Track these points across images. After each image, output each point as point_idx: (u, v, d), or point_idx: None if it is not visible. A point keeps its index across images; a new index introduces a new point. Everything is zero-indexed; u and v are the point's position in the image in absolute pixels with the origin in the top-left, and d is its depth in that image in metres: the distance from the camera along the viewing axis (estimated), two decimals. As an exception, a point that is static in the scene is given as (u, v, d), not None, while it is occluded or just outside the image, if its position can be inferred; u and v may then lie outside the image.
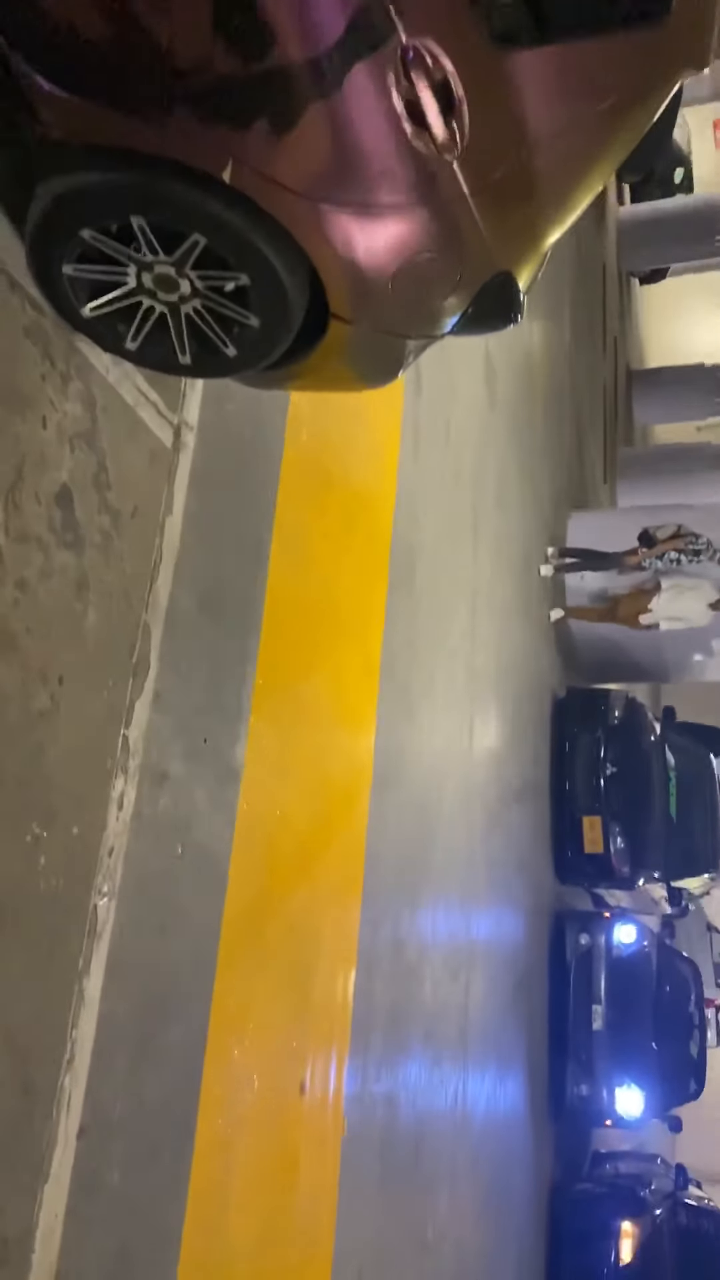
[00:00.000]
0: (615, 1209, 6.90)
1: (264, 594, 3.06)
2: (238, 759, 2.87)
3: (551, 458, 9.09)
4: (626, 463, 14.22)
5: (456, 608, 5.48)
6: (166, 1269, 2.39)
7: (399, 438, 4.51)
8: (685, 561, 7.56)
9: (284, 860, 3.17)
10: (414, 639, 4.61)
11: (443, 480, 5.29)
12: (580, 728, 8.31)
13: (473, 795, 5.74)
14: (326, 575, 3.60)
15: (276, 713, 3.15)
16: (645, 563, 7.68)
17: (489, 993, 5.75)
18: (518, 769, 6.96)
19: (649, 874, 8.54)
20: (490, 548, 6.41)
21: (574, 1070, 7.03)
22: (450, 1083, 4.86)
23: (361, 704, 3.93)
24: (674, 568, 7.61)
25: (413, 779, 4.58)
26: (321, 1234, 3.31)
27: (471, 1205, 5.07)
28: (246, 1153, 2.80)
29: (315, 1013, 3.35)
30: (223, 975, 2.71)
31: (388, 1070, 4.04)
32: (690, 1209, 7.75)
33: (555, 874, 8.06)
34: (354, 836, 3.84)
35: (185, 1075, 2.52)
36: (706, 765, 9.69)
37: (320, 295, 2.05)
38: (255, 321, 2.08)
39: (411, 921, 4.47)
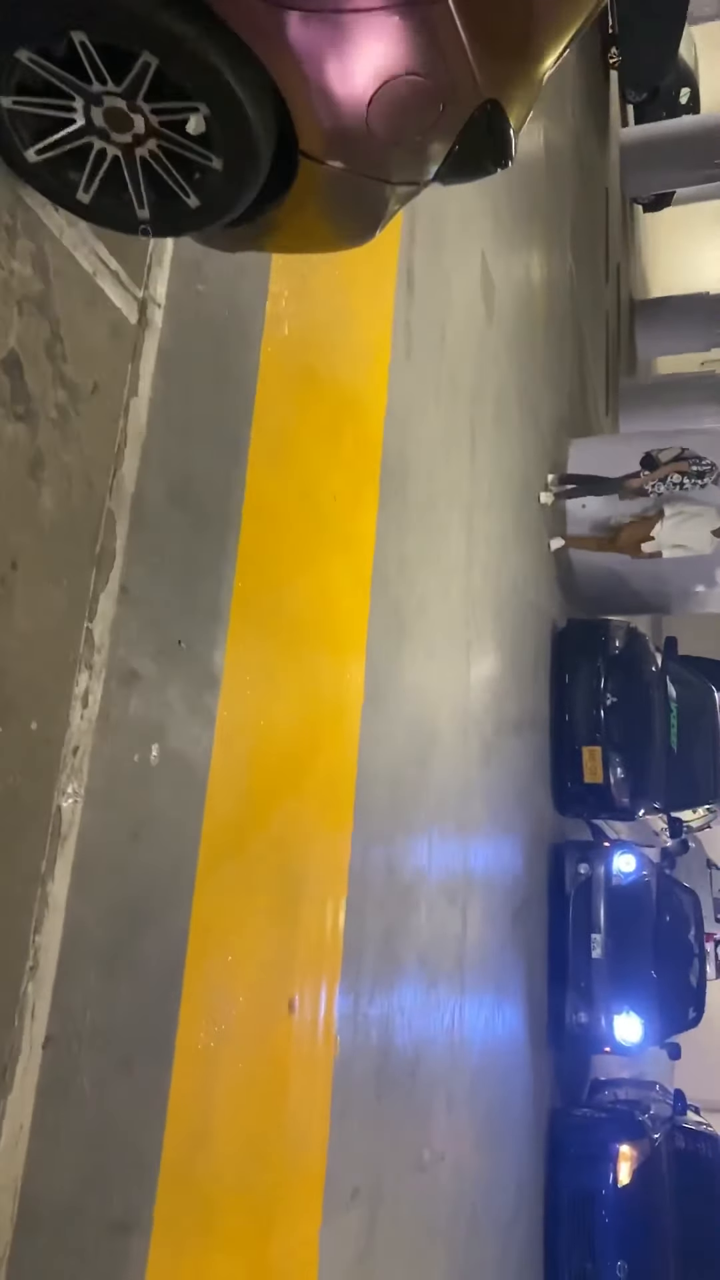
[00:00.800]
0: (614, 1133, 6.94)
1: (243, 492, 2.89)
2: (216, 664, 2.72)
3: (552, 383, 8.83)
4: (629, 394, 13.90)
5: (452, 527, 5.30)
6: (145, 1182, 2.31)
7: (389, 341, 4.30)
8: (689, 485, 7.35)
9: (269, 773, 3.04)
10: (406, 555, 4.44)
11: (438, 392, 5.08)
12: (580, 658, 8.17)
13: (469, 723, 5.62)
14: (312, 479, 3.42)
15: (259, 619, 2.99)
16: (648, 486, 7.47)
17: (487, 920, 5.69)
18: (516, 699, 6.83)
19: (649, 804, 8.47)
20: (488, 469, 6.20)
21: (573, 998, 7.02)
22: (447, 1007, 4.80)
23: (351, 618, 3.78)
24: (677, 493, 7.40)
25: (406, 702, 4.45)
26: (313, 1152, 3.24)
27: (469, 1128, 5.05)
28: (231, 1068, 2.71)
29: (304, 931, 3.24)
30: (203, 886, 2.59)
31: (382, 992, 3.96)
32: (688, 1133, 7.81)
33: (554, 805, 7.99)
34: (344, 755, 3.71)
35: (163, 986, 2.42)
36: (708, 697, 9.57)
37: (289, 135, 1.85)
38: (218, 163, 1.88)
39: (405, 845, 4.37)
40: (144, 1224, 2.30)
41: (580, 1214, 6.52)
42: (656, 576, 9.01)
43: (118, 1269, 2.20)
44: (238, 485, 2.87)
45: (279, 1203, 3.00)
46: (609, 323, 14.24)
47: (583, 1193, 6.55)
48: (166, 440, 2.50)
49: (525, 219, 7.90)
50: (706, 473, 7.32)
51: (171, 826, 2.48)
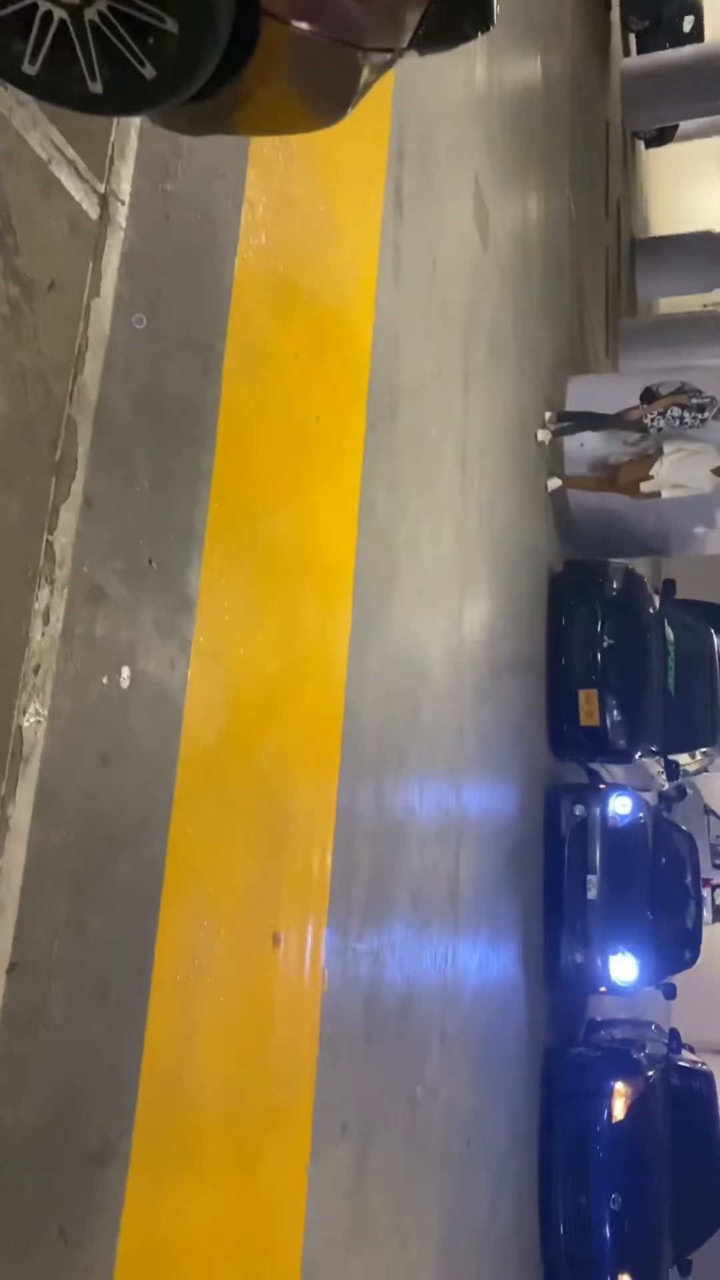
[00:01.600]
0: (608, 1071, 6.98)
1: (217, 407, 2.76)
2: (191, 588, 2.61)
3: (550, 319, 8.61)
4: (629, 334, 13.61)
5: (445, 461, 5.15)
6: (122, 1114, 2.25)
7: (377, 262, 4.12)
8: (688, 419, 7.17)
9: (250, 704, 2.95)
10: (397, 485, 4.31)
11: (428, 319, 4.91)
12: (577, 600, 8.07)
13: (463, 663, 5.52)
14: (294, 399, 3.28)
15: (237, 543, 2.88)
16: (646, 420, 7.29)
17: (480, 861, 5.64)
18: (511, 640, 6.73)
19: (645, 748, 8.42)
20: (483, 404, 6.04)
21: (568, 939, 7.02)
22: (440, 945, 4.76)
23: (337, 548, 3.66)
24: (676, 428, 7.23)
25: (396, 639, 4.34)
26: (300, 1087, 3.20)
27: (463, 1065, 5.04)
28: (212, 1000, 2.65)
29: (290, 865, 3.17)
30: (180, 815, 2.51)
31: (372, 929, 3.91)
32: (682, 1070, 7.87)
33: (550, 749, 7.93)
34: (331, 690, 3.62)
35: (137, 916, 2.34)
36: (707, 640, 9.48)
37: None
38: (173, 25, 1.72)
39: (396, 784, 4.29)
40: (121, 1156, 2.25)
41: (574, 1149, 6.58)
42: (655, 518, 8.87)
43: (94, 1200, 2.15)
44: (212, 400, 2.74)
45: (266, 1137, 2.96)
46: (609, 261, 13.90)
47: (577, 1129, 6.61)
48: (133, 347, 2.36)
49: (521, 148, 7.63)
50: (706, 406, 7.15)
51: (145, 752, 2.38)
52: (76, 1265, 2.09)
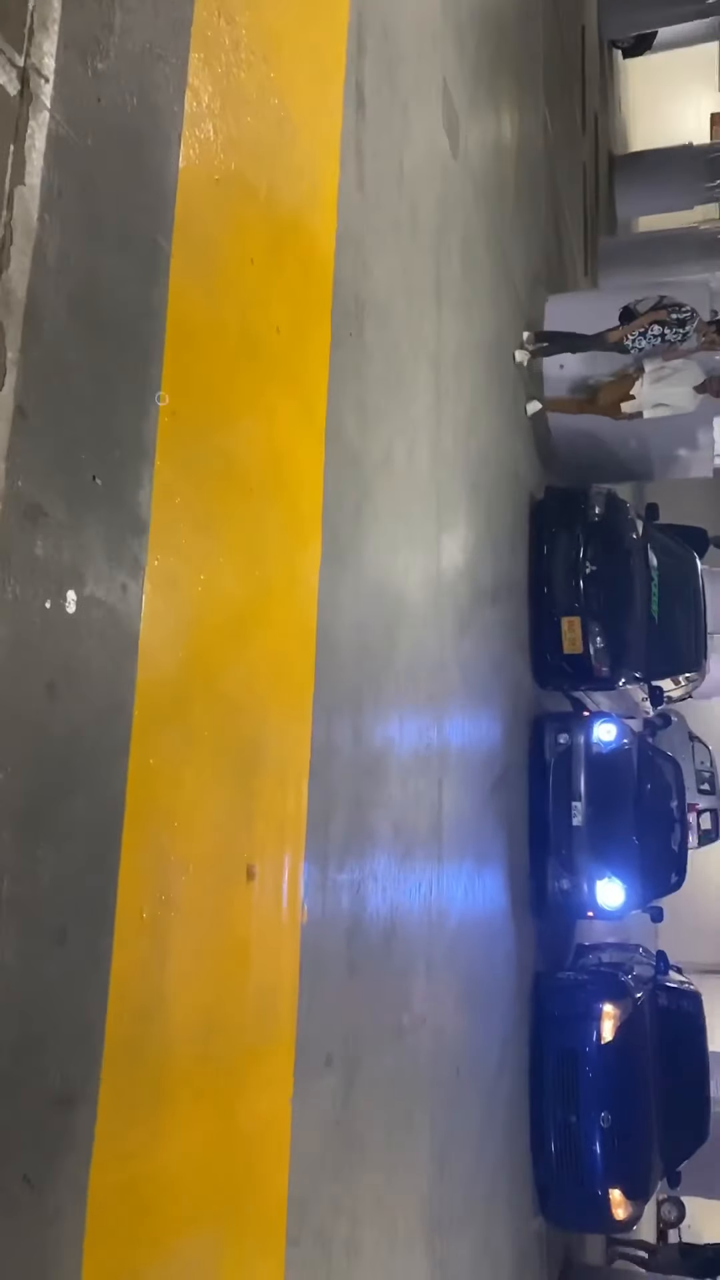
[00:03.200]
0: (597, 993, 7.04)
1: (165, 313, 2.57)
2: (142, 507, 2.45)
3: (525, 235, 8.31)
4: (609, 253, 13.25)
5: (418, 381, 4.95)
6: (88, 1055, 2.17)
7: (337, 162, 3.88)
8: (669, 335, 6.95)
9: (213, 632, 2.81)
10: (366, 402, 4.12)
11: (396, 227, 4.67)
12: (559, 526, 7.91)
13: (442, 591, 5.39)
14: (251, 308, 3.08)
15: (192, 461, 2.71)
16: (627, 340, 7.06)
17: (464, 791, 5.58)
18: (491, 568, 6.59)
19: (629, 674, 8.34)
20: (457, 321, 5.81)
21: (554, 865, 7.01)
22: (424, 875, 4.71)
23: (304, 468, 3.49)
24: (658, 345, 7.01)
25: (370, 566, 4.19)
26: (281, 1021, 3.14)
27: (450, 992, 5.03)
28: (183, 937, 2.56)
29: (263, 797, 3.07)
30: (140, 747, 2.39)
31: (353, 860, 3.83)
32: (670, 991, 7.96)
33: (534, 677, 7.84)
34: (301, 618, 3.48)
35: (97, 853, 2.23)
36: (690, 565, 9.36)
37: None
38: None
39: (374, 715, 4.18)
40: (89, 1097, 2.17)
41: (564, 1071, 6.65)
42: (638, 440, 8.68)
43: (60, 1144, 2.08)
44: (159, 304, 2.54)
45: (245, 1072, 2.90)
46: (586, 177, 13.45)
47: (566, 1051, 6.67)
48: (65, 242, 2.17)
49: (492, 49, 7.26)
50: (687, 320, 6.92)
51: (97, 681, 2.25)
52: (44, 1210, 2.01)
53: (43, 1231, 2.01)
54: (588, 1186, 6.65)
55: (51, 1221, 2.04)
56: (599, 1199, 6.71)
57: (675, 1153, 7.64)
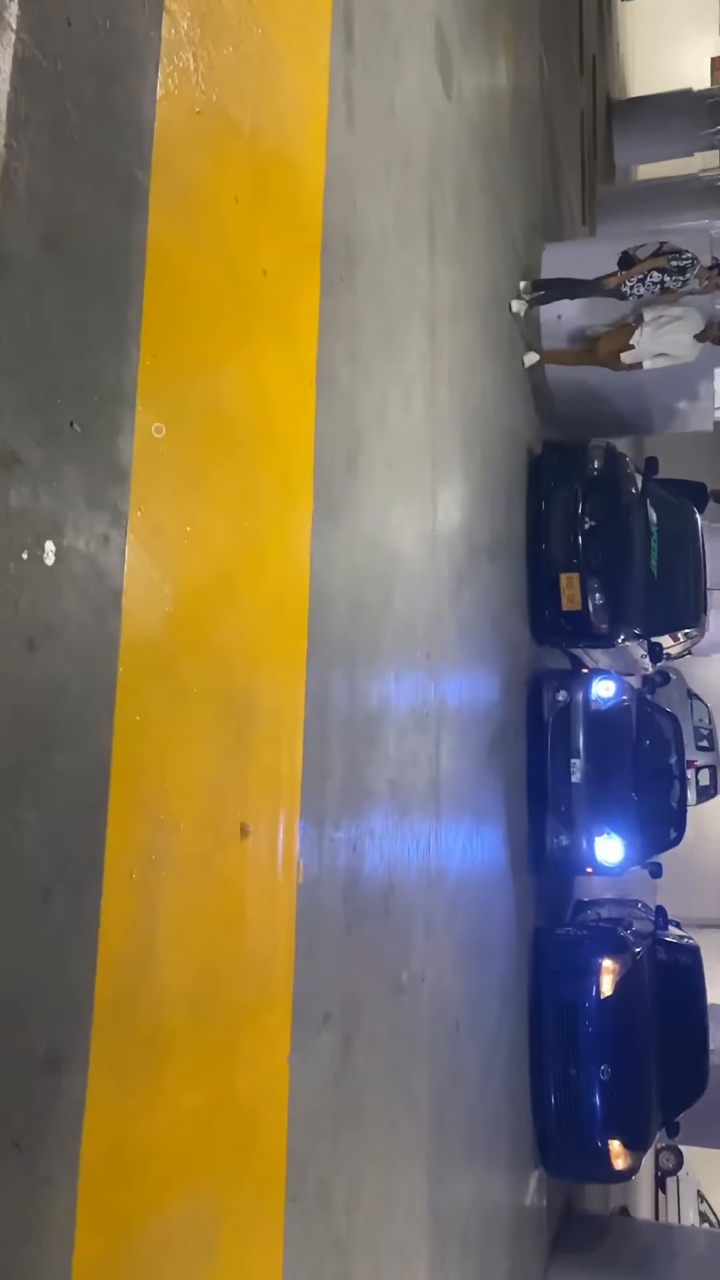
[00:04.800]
0: (596, 948, 7.05)
1: (144, 251, 2.45)
2: (123, 455, 2.36)
3: (522, 180, 8.10)
4: (607, 201, 12.99)
5: (412, 328, 4.82)
6: (77, 1017, 2.12)
7: (325, 97, 3.73)
8: (669, 282, 6.79)
9: (201, 585, 2.72)
10: (358, 351, 4.00)
11: (388, 169, 4.51)
12: (557, 481, 7.79)
13: (438, 547, 5.29)
14: (236, 249, 2.96)
15: (176, 408, 2.61)
16: (625, 287, 6.90)
17: (461, 749, 5.53)
18: (489, 523, 6.49)
19: (628, 630, 8.27)
20: (451, 268, 5.66)
21: (553, 822, 6.99)
22: (422, 833, 4.67)
23: (294, 417, 3.38)
24: (657, 293, 6.84)
25: (364, 520, 4.10)
26: (277, 979, 3.11)
27: (449, 950, 5.01)
28: (174, 896, 2.51)
29: (257, 755, 3.00)
30: (127, 704, 2.31)
31: (349, 818, 3.78)
32: (669, 945, 7.99)
33: (532, 635, 7.77)
34: (294, 573, 3.39)
35: (83, 812, 2.17)
36: (690, 520, 9.25)
37: None
38: None
39: (370, 671, 4.11)
40: (79, 1060, 2.13)
41: (563, 1025, 6.68)
42: (637, 392, 8.53)
43: (49, 1108, 2.03)
44: (137, 241, 2.43)
45: (241, 1032, 2.86)
46: (584, 123, 13.12)
47: (566, 1005, 6.69)
48: (35, 171, 2.06)
49: (487, -14, 7.02)
50: (688, 267, 6.75)
51: (80, 635, 2.17)
52: (34, 1175, 1.98)
53: (34, 1197, 1.98)
54: (587, 1138, 6.71)
55: (42, 1186, 2.00)
56: (598, 1150, 6.77)
57: (675, 1104, 7.71)
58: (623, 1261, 7.60)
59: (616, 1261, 7.56)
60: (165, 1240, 2.44)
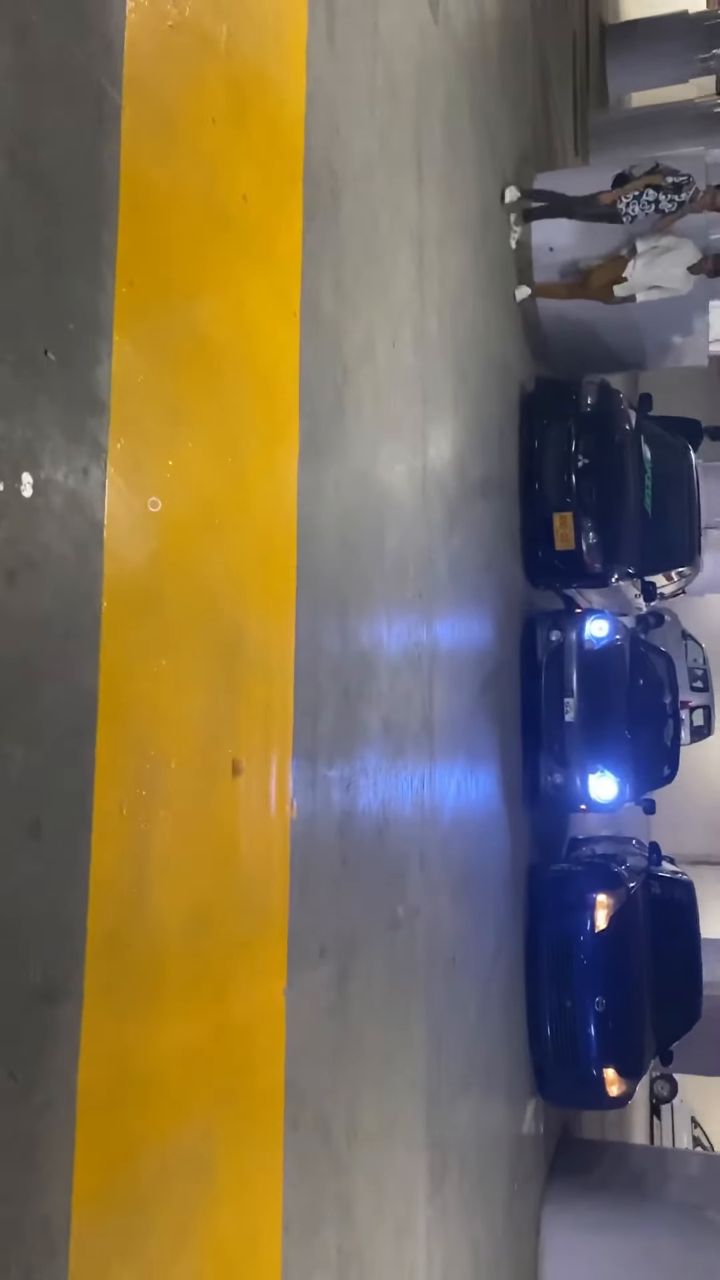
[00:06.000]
0: (590, 884, 7.13)
1: (118, 171, 2.37)
2: (100, 385, 2.30)
3: (513, 109, 7.87)
4: (600, 129, 12.66)
5: (400, 258, 4.71)
6: (70, 950, 2.13)
7: (305, 15, 3.59)
8: (664, 203, 6.64)
9: (184, 520, 2.68)
10: (344, 281, 3.91)
11: (372, 92, 4.37)
12: (550, 419, 7.69)
13: (430, 486, 5.24)
14: (214, 172, 2.87)
15: (155, 338, 2.55)
16: (620, 204, 6.75)
17: (455, 688, 5.53)
18: (482, 461, 6.42)
19: (622, 570, 8.24)
20: (440, 198, 5.51)
21: (547, 760, 7.03)
22: (416, 771, 4.68)
23: (277, 348, 3.31)
24: (652, 213, 6.70)
25: (354, 455, 4.04)
26: (272, 913, 3.13)
27: (445, 884, 5.06)
28: (166, 831, 2.51)
29: (247, 691, 2.99)
30: (111, 640, 2.29)
31: (342, 756, 3.79)
32: (663, 880, 8.08)
33: (525, 575, 7.74)
34: (281, 508, 3.35)
35: (70, 748, 2.16)
36: (684, 457, 9.16)
37: None
38: None
39: (361, 611, 4.09)
40: (73, 992, 2.14)
41: (559, 959, 6.78)
42: (630, 327, 8.39)
43: (45, 1038, 2.05)
44: (110, 161, 2.35)
45: (237, 964, 2.89)
46: (576, 47, 12.72)
47: (561, 940, 6.79)
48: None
49: None
50: (684, 186, 6.60)
51: (61, 569, 2.14)
52: (32, 1104, 2.00)
53: (31, 1125, 2.01)
54: (583, 1066, 6.85)
55: (40, 1115, 2.03)
56: (594, 1078, 6.92)
57: (668, 1033, 7.86)
58: (618, 1183, 7.80)
59: (612, 1183, 7.77)
60: (166, 1166, 2.49)
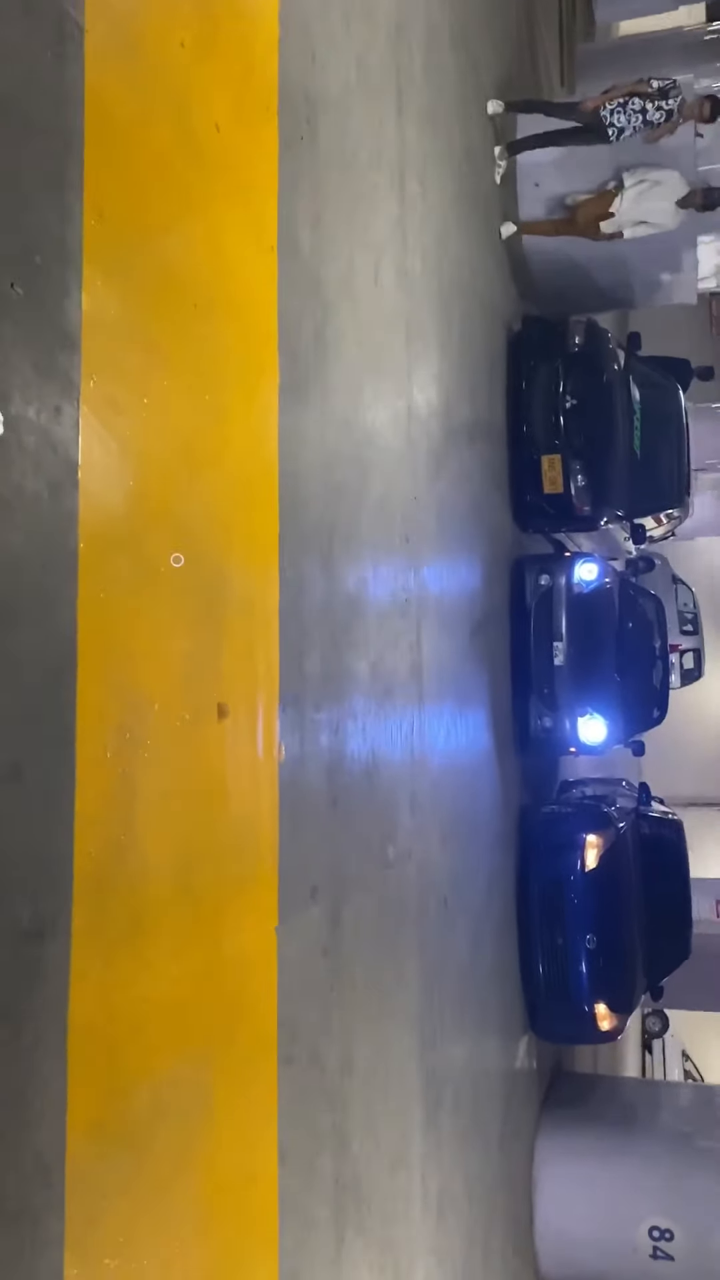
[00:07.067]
0: (581, 824, 7.20)
1: (82, 96, 2.30)
2: (70, 320, 2.25)
3: (495, 38, 7.64)
4: (586, 60, 12.32)
5: (380, 192, 4.60)
6: (57, 890, 2.14)
7: (276, -70, 3.46)
8: (650, 110, 6.49)
9: (162, 459, 2.65)
10: (323, 215, 3.82)
11: (348, 17, 4.23)
12: (537, 359, 7.58)
13: (415, 428, 5.17)
14: (185, 99, 2.78)
15: (127, 270, 2.48)
16: (604, 110, 6.61)
17: (443, 633, 5.52)
18: (469, 403, 6.34)
19: (611, 512, 8.19)
20: (421, 130, 5.37)
21: (536, 704, 7.05)
22: (405, 714, 4.69)
23: (254, 284, 3.24)
24: (636, 122, 6.55)
25: (335, 396, 3.98)
26: (262, 855, 3.15)
27: (435, 826, 5.10)
28: (152, 774, 2.51)
29: (231, 635, 2.98)
30: (89, 581, 2.27)
31: (330, 699, 3.78)
32: (653, 820, 8.17)
33: (514, 520, 7.69)
34: (261, 450, 3.30)
35: (49, 691, 2.14)
36: (673, 398, 9.06)
37: None
38: None
39: (347, 553, 4.06)
40: (61, 931, 2.15)
41: (551, 898, 6.87)
42: (618, 264, 8.24)
43: (34, 978, 2.07)
44: (74, 87, 2.27)
45: (227, 904, 2.91)
46: (562, -28, 12.35)
47: (552, 879, 6.87)
48: (-48, 3, 1.90)
49: None
50: (669, 92, 6.45)
51: (34, 508, 2.11)
52: (21, 1040, 2.02)
53: (22, 1060, 2.03)
54: (575, 1002, 6.97)
55: (31, 1050, 2.05)
56: (585, 1013, 7.05)
57: (659, 969, 8.00)
58: (610, 1114, 8.00)
59: (604, 1114, 7.96)
60: (160, 1100, 2.53)
